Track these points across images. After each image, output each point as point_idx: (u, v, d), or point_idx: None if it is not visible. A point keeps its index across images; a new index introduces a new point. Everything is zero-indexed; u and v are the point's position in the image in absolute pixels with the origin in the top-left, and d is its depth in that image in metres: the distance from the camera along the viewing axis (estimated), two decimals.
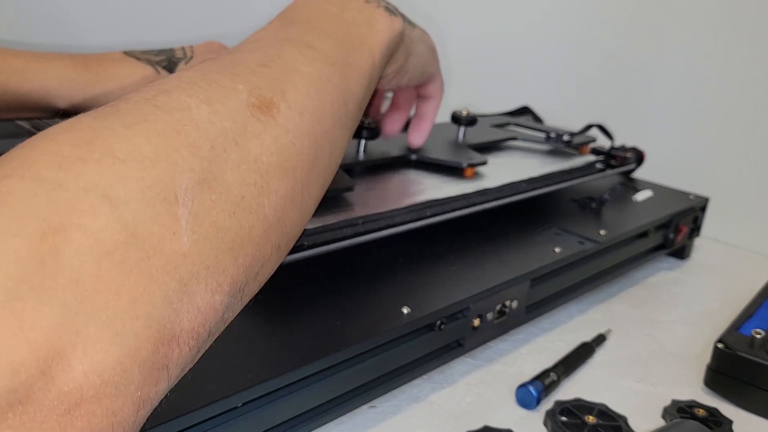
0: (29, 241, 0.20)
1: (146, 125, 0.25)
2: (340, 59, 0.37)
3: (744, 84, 0.84)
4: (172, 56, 0.59)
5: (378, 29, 0.43)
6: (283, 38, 0.36)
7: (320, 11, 0.41)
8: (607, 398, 0.49)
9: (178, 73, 0.30)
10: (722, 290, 0.70)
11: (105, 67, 0.57)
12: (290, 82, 0.32)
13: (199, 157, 0.26)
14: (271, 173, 0.29)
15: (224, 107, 0.28)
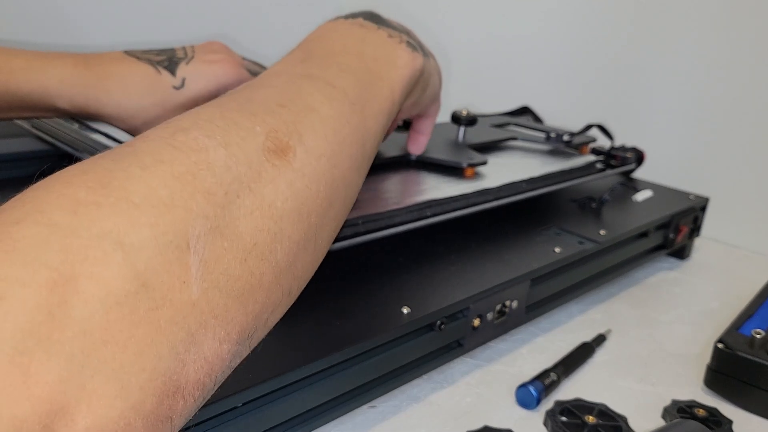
0: (39, 291, 0.20)
1: (163, 167, 0.25)
2: (359, 98, 0.36)
3: (744, 84, 0.84)
4: (173, 56, 0.58)
5: (399, 65, 0.42)
6: (303, 74, 0.35)
7: (341, 45, 0.40)
8: (607, 398, 0.49)
9: (197, 109, 0.30)
10: (722, 290, 0.70)
11: (105, 67, 0.57)
12: (308, 124, 0.32)
13: (213, 204, 0.25)
14: (285, 219, 0.29)
15: (240, 151, 0.28)
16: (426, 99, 0.51)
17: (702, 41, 0.87)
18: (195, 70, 0.58)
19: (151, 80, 0.57)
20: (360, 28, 0.42)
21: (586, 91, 0.99)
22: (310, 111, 0.32)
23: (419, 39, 0.52)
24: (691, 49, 0.88)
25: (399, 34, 0.44)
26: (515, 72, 1.07)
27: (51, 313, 0.20)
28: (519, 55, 1.06)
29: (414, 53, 0.44)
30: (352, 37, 0.41)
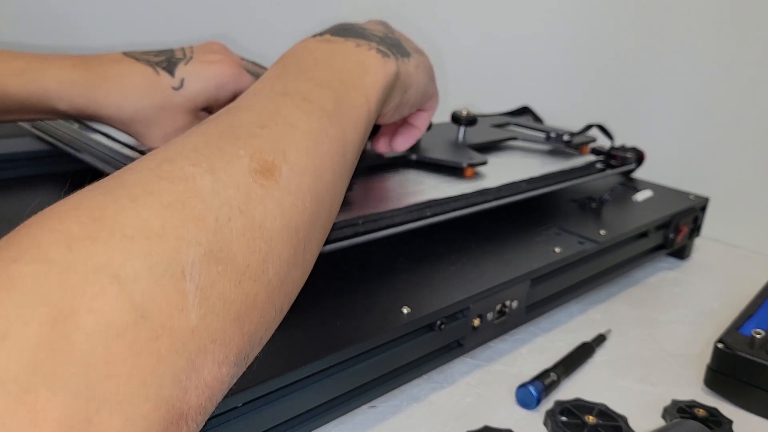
0: (40, 328, 0.20)
1: (152, 198, 0.25)
2: (336, 109, 0.37)
3: (744, 84, 0.84)
4: (171, 57, 0.58)
5: (371, 71, 0.42)
6: (279, 92, 0.36)
7: (312, 58, 0.40)
8: (607, 398, 0.49)
9: (182, 138, 0.30)
10: (722, 290, 0.70)
11: (104, 68, 0.57)
12: (290, 141, 0.32)
13: (204, 230, 0.26)
14: (275, 238, 0.29)
15: (227, 175, 0.28)
16: (411, 99, 0.51)
17: (702, 41, 0.87)
18: (194, 70, 0.58)
19: (150, 81, 0.57)
20: (327, 43, 0.43)
21: (586, 91, 0.99)
22: (290, 127, 0.33)
23: (404, 38, 0.52)
24: (692, 49, 0.88)
25: (368, 42, 0.44)
26: (515, 72, 1.07)
27: (53, 349, 0.20)
28: (519, 55, 1.06)
29: (384, 59, 0.44)
30: (321, 52, 0.41)
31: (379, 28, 0.50)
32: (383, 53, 0.44)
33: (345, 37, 0.44)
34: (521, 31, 1.05)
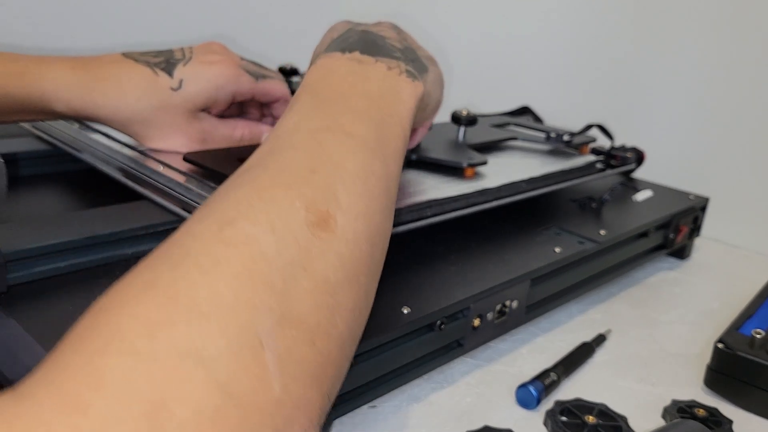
0: (137, 425, 0.20)
1: (221, 269, 0.25)
2: (377, 143, 0.36)
3: (744, 84, 0.84)
4: (171, 57, 0.58)
5: (404, 99, 0.42)
6: (321, 127, 0.35)
7: (347, 83, 0.40)
8: (607, 398, 0.49)
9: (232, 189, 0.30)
10: (722, 290, 0.70)
11: (102, 69, 0.57)
12: (340, 185, 0.32)
13: (274, 294, 0.26)
14: (339, 289, 0.29)
15: (287, 231, 0.28)
16: (427, 115, 0.52)
17: (702, 41, 0.87)
18: (193, 71, 0.58)
19: (149, 82, 0.57)
20: (359, 65, 0.42)
21: (586, 91, 0.99)
22: (339, 169, 0.33)
23: (416, 45, 0.51)
24: (692, 49, 0.88)
25: (397, 63, 0.44)
26: (515, 72, 1.07)
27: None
28: (519, 55, 1.06)
29: (415, 82, 0.43)
30: (354, 76, 0.41)
31: (394, 35, 0.49)
32: (412, 76, 0.44)
33: (374, 56, 0.43)
34: (521, 31, 1.05)
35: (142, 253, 0.50)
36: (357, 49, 0.44)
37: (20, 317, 0.40)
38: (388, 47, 0.46)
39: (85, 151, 0.63)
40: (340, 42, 0.46)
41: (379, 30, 0.49)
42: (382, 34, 0.48)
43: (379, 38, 0.47)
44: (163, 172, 0.55)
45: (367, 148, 0.35)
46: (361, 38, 0.46)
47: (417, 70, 0.46)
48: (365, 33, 0.47)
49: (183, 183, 0.53)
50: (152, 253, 0.28)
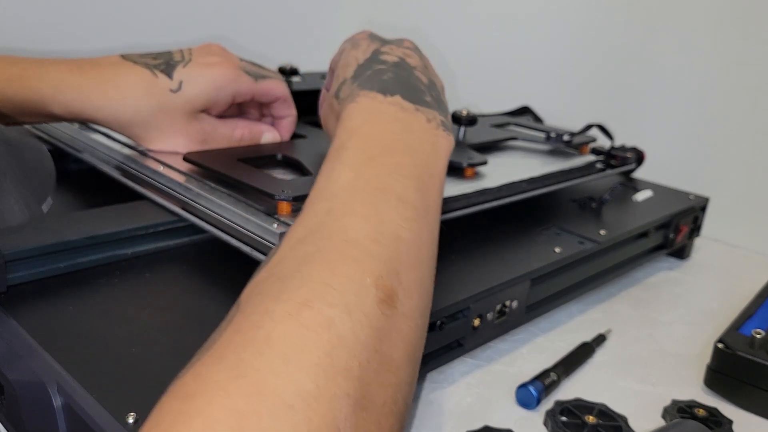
0: None
1: (303, 357, 0.26)
2: (424, 207, 0.37)
3: (744, 84, 0.84)
4: (170, 59, 0.58)
5: (441, 155, 0.42)
6: (374, 188, 0.36)
7: (392, 135, 0.41)
8: (607, 398, 0.49)
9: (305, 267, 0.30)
10: (722, 290, 0.70)
11: (101, 71, 0.57)
12: (399, 258, 0.33)
13: (351, 379, 0.26)
14: (401, 368, 0.30)
15: (361, 313, 0.28)
16: None
17: (702, 41, 0.87)
18: (192, 73, 0.58)
19: (148, 84, 0.57)
20: (402, 113, 0.43)
21: (586, 91, 1.00)
22: (397, 240, 0.33)
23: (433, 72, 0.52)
24: (692, 49, 0.88)
25: (434, 113, 0.45)
26: (515, 72, 1.07)
27: None
28: (519, 55, 1.06)
29: (449, 136, 0.44)
30: (398, 124, 0.42)
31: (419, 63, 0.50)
32: (446, 128, 0.45)
33: (415, 104, 0.44)
34: (521, 32, 1.05)
35: (141, 253, 0.50)
36: (398, 92, 0.44)
37: (20, 317, 0.41)
38: (421, 90, 0.46)
39: (85, 151, 0.63)
40: (376, 79, 0.46)
41: (406, 56, 0.50)
42: (410, 64, 0.49)
43: (412, 77, 0.47)
44: (163, 172, 0.55)
45: (417, 215, 0.36)
46: (396, 77, 0.46)
47: (445, 115, 0.46)
48: (399, 69, 0.47)
49: (183, 183, 0.53)
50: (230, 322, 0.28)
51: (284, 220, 0.47)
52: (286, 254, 0.32)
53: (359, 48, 0.51)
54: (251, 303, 0.29)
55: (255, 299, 0.29)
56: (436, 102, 0.47)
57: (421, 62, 0.51)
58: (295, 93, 0.78)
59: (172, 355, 0.39)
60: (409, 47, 0.52)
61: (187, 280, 0.48)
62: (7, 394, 0.40)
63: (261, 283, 0.31)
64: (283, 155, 0.59)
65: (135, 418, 0.33)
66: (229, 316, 0.30)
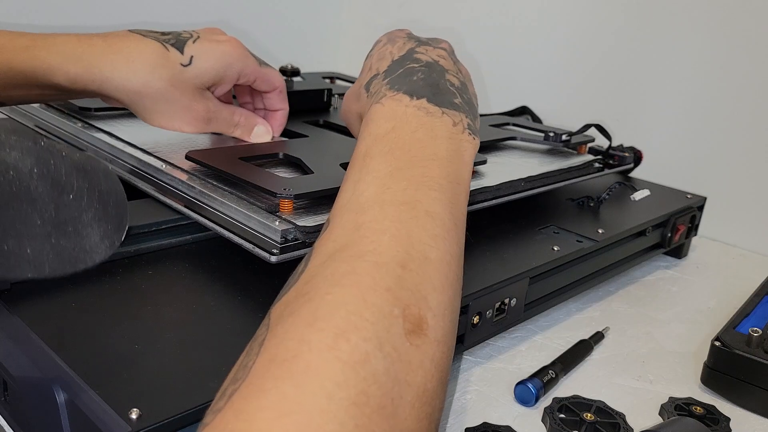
0: None
1: (342, 394, 0.25)
2: (452, 220, 0.36)
3: (741, 84, 0.85)
4: (179, 36, 0.59)
5: (466, 161, 0.41)
6: (402, 201, 0.35)
7: (418, 143, 0.40)
8: (605, 395, 0.49)
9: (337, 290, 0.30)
10: (719, 289, 0.71)
11: (111, 42, 0.57)
12: (428, 282, 0.32)
13: (386, 417, 0.26)
14: (435, 397, 0.29)
15: (391, 346, 0.28)
16: None
17: (700, 41, 0.88)
18: (202, 48, 0.59)
19: (159, 56, 0.57)
20: (427, 117, 0.42)
21: (584, 91, 1.00)
22: (425, 263, 0.33)
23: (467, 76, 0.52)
24: (689, 49, 0.89)
25: (461, 116, 0.44)
26: (514, 72, 1.07)
27: None
28: (518, 55, 1.06)
29: (474, 139, 0.43)
30: (423, 131, 0.41)
31: (452, 66, 0.49)
32: (472, 131, 0.44)
33: (441, 107, 0.43)
34: (520, 31, 1.06)
35: (144, 251, 0.50)
36: (425, 95, 0.43)
37: (23, 314, 0.41)
38: (450, 91, 0.46)
39: (87, 149, 0.63)
40: (406, 79, 0.45)
41: (441, 58, 0.49)
42: (443, 66, 0.48)
43: (443, 78, 0.46)
44: (166, 170, 0.55)
45: (446, 231, 0.35)
46: (426, 78, 0.45)
47: (473, 118, 0.46)
48: (430, 70, 0.46)
49: (185, 181, 0.53)
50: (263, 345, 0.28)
51: (286, 218, 0.47)
52: (316, 271, 0.31)
53: (396, 44, 0.50)
54: (283, 325, 0.29)
55: (287, 321, 0.29)
56: (467, 104, 0.46)
57: (455, 66, 0.50)
58: (296, 93, 0.79)
59: (175, 351, 0.39)
60: (445, 48, 0.51)
61: (190, 278, 0.48)
62: (11, 391, 0.40)
63: (291, 303, 0.30)
64: (285, 154, 0.59)
65: (138, 415, 0.33)
66: (258, 337, 0.29)
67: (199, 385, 0.36)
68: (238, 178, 0.51)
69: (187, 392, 0.35)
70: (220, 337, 0.41)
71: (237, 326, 0.42)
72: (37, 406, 0.38)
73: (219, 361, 0.38)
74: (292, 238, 0.46)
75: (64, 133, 0.66)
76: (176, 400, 0.34)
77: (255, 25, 1.14)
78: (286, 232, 0.46)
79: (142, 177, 0.57)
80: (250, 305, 0.45)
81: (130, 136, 0.62)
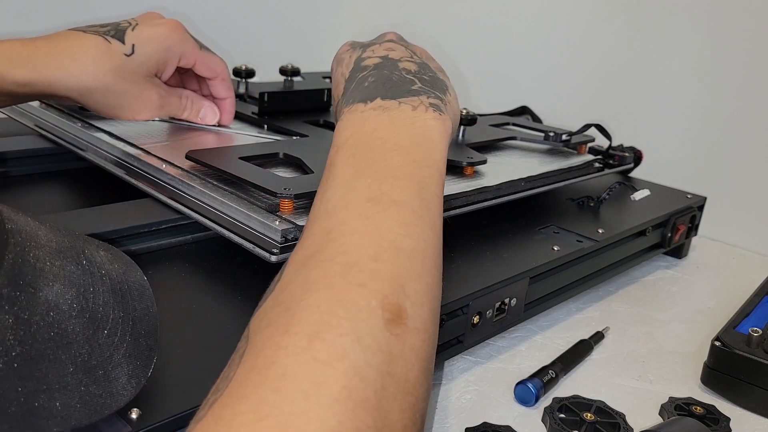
0: None
1: (321, 391, 0.25)
2: (423, 206, 0.36)
3: (741, 84, 0.85)
4: (118, 26, 0.61)
5: (435, 141, 0.40)
6: (367, 198, 0.35)
7: (378, 140, 0.39)
8: (605, 395, 0.49)
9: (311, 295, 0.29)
10: (719, 289, 0.71)
11: (55, 44, 0.57)
12: (403, 270, 0.32)
13: (370, 410, 0.26)
14: (418, 385, 0.29)
15: (371, 338, 0.28)
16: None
17: (700, 41, 0.88)
18: (142, 34, 0.60)
19: (102, 50, 0.58)
20: (384, 113, 0.41)
21: (584, 91, 1.00)
22: (399, 252, 0.32)
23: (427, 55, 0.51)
24: (689, 49, 0.89)
25: (419, 99, 0.42)
26: (514, 72, 1.07)
27: None
28: (518, 55, 1.06)
29: (441, 116, 0.42)
30: (382, 128, 0.40)
31: (405, 53, 0.48)
32: (437, 109, 0.42)
33: (397, 99, 0.42)
34: (520, 31, 1.06)
35: (144, 251, 0.50)
36: (378, 95, 0.43)
37: None
38: (406, 79, 0.44)
39: (88, 149, 0.63)
40: (358, 88, 0.44)
41: (389, 51, 0.48)
42: (393, 58, 0.47)
43: (396, 70, 0.45)
44: (165, 170, 0.55)
45: (417, 217, 0.35)
46: (377, 79, 0.44)
47: (439, 93, 0.44)
48: (380, 68, 0.45)
49: (185, 181, 0.53)
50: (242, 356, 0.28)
51: (286, 218, 0.47)
52: (290, 279, 0.31)
53: (342, 63, 0.50)
54: (261, 335, 0.29)
55: (264, 332, 0.29)
56: (429, 84, 0.45)
57: (407, 51, 0.49)
58: (296, 93, 0.79)
59: (175, 351, 0.39)
60: (392, 40, 0.51)
61: (190, 278, 0.48)
62: None
63: (268, 313, 0.30)
64: (285, 154, 0.59)
65: (138, 414, 0.33)
66: (239, 349, 0.29)
67: (199, 385, 0.35)
68: (238, 178, 0.51)
69: (187, 392, 0.35)
70: (220, 337, 0.41)
71: (237, 326, 0.42)
72: None
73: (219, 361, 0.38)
74: (293, 238, 0.46)
75: (65, 133, 0.66)
76: (176, 400, 0.34)
77: (255, 25, 1.14)
78: (287, 232, 0.46)
79: (142, 177, 0.57)
80: (250, 305, 0.45)
81: (130, 135, 0.62)
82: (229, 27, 1.11)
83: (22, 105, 0.72)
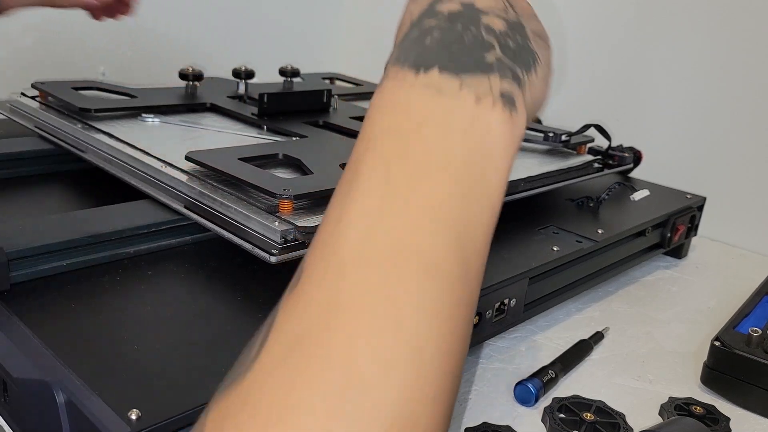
0: None
1: None
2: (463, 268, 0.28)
3: (741, 84, 0.85)
4: None
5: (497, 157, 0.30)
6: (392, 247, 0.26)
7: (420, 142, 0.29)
8: (604, 395, 0.49)
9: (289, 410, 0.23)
10: (719, 289, 0.71)
11: None
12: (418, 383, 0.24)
13: None
14: None
15: None
16: None
17: (700, 41, 0.88)
18: None
19: None
20: (437, 99, 0.30)
21: (584, 91, 1.00)
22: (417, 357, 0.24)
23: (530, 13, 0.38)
24: (689, 49, 0.89)
25: (489, 81, 0.31)
26: None
27: None
28: None
29: (512, 116, 0.31)
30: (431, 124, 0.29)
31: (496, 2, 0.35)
32: (508, 103, 0.31)
33: (460, 76, 0.30)
34: None
35: (144, 252, 0.51)
36: (437, 62, 0.31)
37: (23, 315, 0.41)
38: (483, 43, 0.32)
39: (87, 150, 0.63)
40: (417, 43, 0.32)
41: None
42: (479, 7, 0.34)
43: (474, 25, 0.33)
44: (166, 171, 0.55)
45: (451, 286, 0.26)
46: (444, 37, 0.32)
47: (521, 70, 0.33)
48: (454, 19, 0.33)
49: (185, 181, 0.53)
50: None
51: (285, 218, 0.47)
52: (268, 372, 0.24)
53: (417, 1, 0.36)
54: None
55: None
56: (513, 54, 0.33)
57: (502, 1, 0.35)
58: (296, 93, 0.79)
59: (175, 352, 0.39)
60: None
61: (190, 278, 0.48)
62: (11, 392, 0.40)
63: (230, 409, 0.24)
64: (285, 154, 0.59)
65: (138, 415, 0.33)
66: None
67: (199, 386, 0.36)
68: (238, 179, 0.51)
69: (187, 392, 0.35)
70: (220, 338, 0.41)
71: (237, 326, 0.42)
72: (37, 407, 0.38)
73: (218, 361, 0.38)
74: (292, 239, 0.46)
75: (64, 134, 0.66)
76: (176, 401, 0.34)
77: (255, 25, 1.14)
78: (286, 233, 0.46)
79: (142, 177, 0.57)
80: (249, 305, 0.45)
81: (130, 136, 0.62)
82: (229, 28, 1.11)
83: (22, 106, 0.72)
